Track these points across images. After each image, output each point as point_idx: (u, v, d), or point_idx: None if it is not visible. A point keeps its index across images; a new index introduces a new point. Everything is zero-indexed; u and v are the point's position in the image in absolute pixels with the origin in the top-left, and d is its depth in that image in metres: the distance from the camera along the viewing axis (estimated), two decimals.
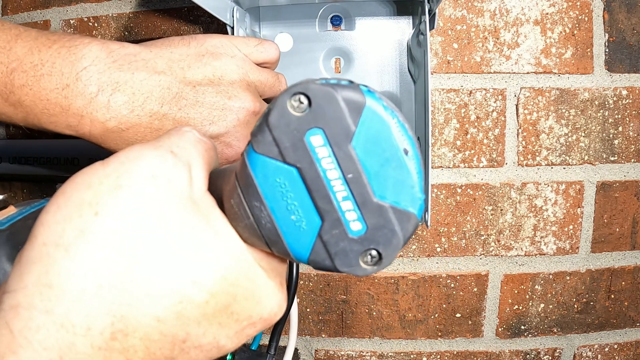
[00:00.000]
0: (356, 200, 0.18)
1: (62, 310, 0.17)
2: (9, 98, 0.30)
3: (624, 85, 0.54)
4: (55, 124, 0.31)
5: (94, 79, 0.30)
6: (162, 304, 0.18)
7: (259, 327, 0.22)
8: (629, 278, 0.57)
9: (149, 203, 0.19)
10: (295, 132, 0.18)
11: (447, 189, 0.56)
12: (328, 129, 0.18)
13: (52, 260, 0.18)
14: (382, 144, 0.18)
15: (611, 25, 0.53)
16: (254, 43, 0.37)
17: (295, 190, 0.19)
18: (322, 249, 0.19)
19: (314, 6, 0.51)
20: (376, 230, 0.19)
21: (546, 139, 0.55)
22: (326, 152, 0.18)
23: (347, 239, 0.19)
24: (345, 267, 0.19)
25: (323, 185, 0.18)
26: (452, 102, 0.55)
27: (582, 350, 0.59)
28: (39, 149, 0.58)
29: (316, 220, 0.19)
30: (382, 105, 0.18)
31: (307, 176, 0.18)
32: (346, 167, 0.18)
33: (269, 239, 0.20)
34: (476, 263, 0.58)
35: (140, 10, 0.58)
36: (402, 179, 0.18)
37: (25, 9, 0.62)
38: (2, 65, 0.30)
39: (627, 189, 0.55)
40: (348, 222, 0.19)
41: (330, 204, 0.19)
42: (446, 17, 0.54)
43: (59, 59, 0.30)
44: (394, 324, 0.60)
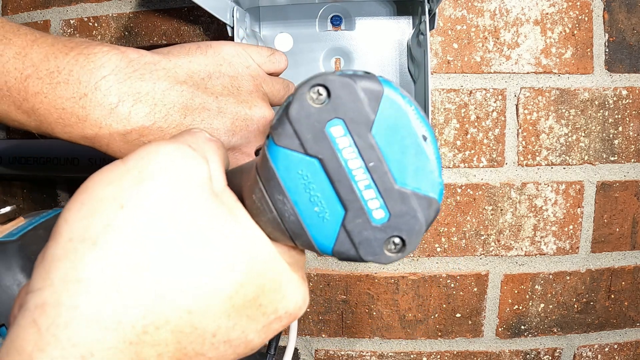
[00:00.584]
0: (378, 188, 0.19)
1: (91, 305, 0.17)
2: (22, 105, 0.29)
3: (624, 85, 0.54)
4: (70, 134, 0.30)
5: (114, 89, 0.29)
6: (193, 295, 0.18)
7: (285, 322, 0.22)
8: (629, 278, 0.57)
9: (174, 194, 0.19)
10: (315, 124, 0.18)
11: (447, 189, 0.56)
12: (348, 119, 0.18)
13: (80, 255, 0.18)
14: (402, 131, 0.18)
15: (611, 25, 0.53)
16: (266, 53, 0.37)
17: (317, 182, 0.19)
18: (346, 239, 0.19)
19: (314, 6, 0.51)
20: (399, 217, 0.19)
21: (546, 139, 0.55)
22: (347, 142, 0.18)
23: (371, 227, 0.19)
24: (370, 256, 0.19)
25: (345, 175, 0.19)
26: (452, 102, 0.55)
27: (582, 350, 0.59)
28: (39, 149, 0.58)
29: (339, 211, 0.19)
30: (400, 94, 0.18)
31: (329, 167, 0.19)
32: (367, 156, 0.18)
33: (292, 232, 0.20)
34: (476, 263, 0.58)
35: (140, 10, 0.58)
36: (422, 164, 0.18)
37: (25, 9, 0.62)
38: (17, 71, 0.29)
39: (627, 189, 0.55)
40: (371, 211, 0.19)
41: (353, 193, 0.19)
42: (446, 17, 0.54)
43: (77, 67, 0.29)
44: (394, 324, 0.60)
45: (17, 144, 0.59)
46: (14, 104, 0.29)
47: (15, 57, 0.29)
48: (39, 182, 0.65)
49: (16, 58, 0.29)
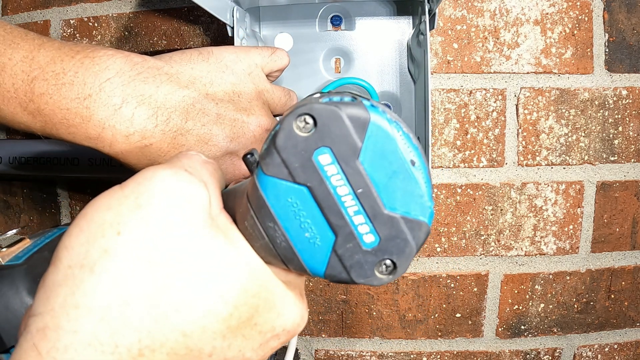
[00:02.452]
0: (367, 213, 0.19)
1: (89, 329, 0.18)
2: (28, 106, 0.30)
3: (624, 85, 0.54)
4: (74, 135, 0.31)
5: (118, 91, 0.30)
6: (188, 318, 0.19)
7: (283, 339, 0.22)
8: (629, 278, 0.57)
9: (170, 219, 0.19)
10: (303, 153, 0.19)
11: (447, 189, 0.56)
12: (335, 147, 0.18)
13: (78, 281, 0.18)
14: (389, 157, 0.18)
15: (611, 25, 0.53)
16: (267, 53, 0.38)
17: (307, 209, 0.19)
18: (337, 263, 0.20)
19: (314, 6, 0.51)
20: (389, 240, 0.19)
21: (546, 139, 0.55)
22: (335, 170, 0.19)
23: (362, 251, 0.19)
24: (362, 279, 0.20)
25: (334, 202, 0.19)
26: (452, 102, 0.55)
27: (582, 350, 0.59)
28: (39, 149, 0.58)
29: (330, 236, 0.19)
30: (387, 119, 0.18)
31: (318, 194, 0.19)
32: (355, 183, 0.19)
33: (285, 257, 0.20)
34: (476, 263, 0.58)
35: (140, 10, 0.58)
36: (410, 189, 0.19)
37: (25, 9, 0.62)
38: (24, 73, 0.29)
39: (627, 189, 0.55)
40: (361, 235, 0.19)
41: (343, 219, 0.19)
42: (446, 17, 0.54)
43: (82, 69, 0.30)
44: (394, 324, 0.60)
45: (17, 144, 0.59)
46: (20, 105, 0.30)
47: (22, 60, 0.30)
48: (39, 182, 0.65)
49: (23, 61, 0.30)
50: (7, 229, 0.68)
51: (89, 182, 0.63)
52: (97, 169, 0.56)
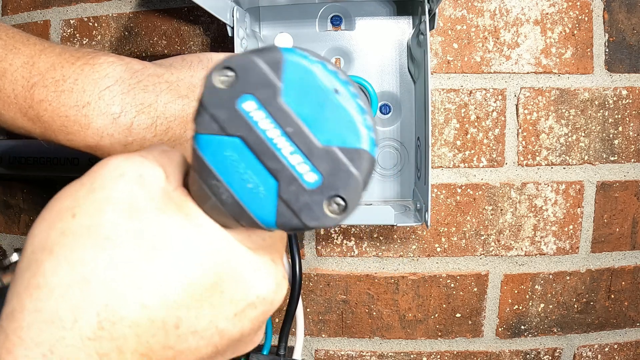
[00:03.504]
0: (303, 151, 0.19)
1: (50, 307, 0.18)
2: (28, 112, 0.30)
3: (624, 85, 0.54)
4: (73, 142, 0.31)
5: (117, 99, 0.30)
6: (145, 290, 0.19)
7: (262, 309, 0.22)
8: (629, 278, 0.57)
9: (122, 199, 0.20)
10: (228, 104, 0.19)
11: (447, 189, 0.56)
12: (257, 92, 0.18)
13: (40, 263, 0.19)
14: (311, 90, 0.18)
15: (611, 25, 0.53)
16: None
17: (244, 159, 0.19)
18: (286, 209, 0.19)
19: (314, 6, 0.51)
20: (331, 175, 0.19)
21: (546, 139, 0.55)
22: (262, 115, 0.19)
23: (306, 192, 0.19)
24: (314, 221, 0.19)
25: (267, 147, 0.19)
26: (452, 102, 0.55)
27: (582, 350, 0.59)
28: (39, 149, 0.58)
29: (272, 182, 0.19)
30: (302, 56, 0.18)
31: (251, 142, 0.19)
32: (284, 122, 0.19)
33: (234, 213, 0.20)
34: (476, 263, 0.58)
35: (140, 10, 0.58)
36: (340, 118, 0.18)
37: (25, 9, 0.62)
38: (24, 79, 0.29)
39: (627, 189, 0.55)
40: (302, 175, 0.19)
41: (279, 162, 0.19)
42: (446, 17, 0.54)
43: (82, 76, 0.30)
44: (394, 324, 0.60)
45: (17, 144, 0.59)
46: (20, 111, 0.30)
47: (23, 66, 0.29)
48: (39, 182, 0.65)
49: (24, 67, 0.29)
50: (7, 229, 0.68)
51: None
52: None
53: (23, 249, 0.20)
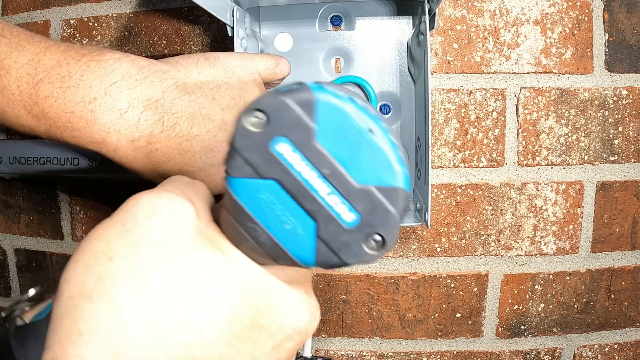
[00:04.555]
0: (340, 192, 0.19)
1: (92, 353, 0.18)
2: (33, 109, 0.30)
3: (624, 85, 0.54)
4: (78, 139, 0.30)
5: (124, 95, 0.30)
6: (187, 330, 0.19)
7: (297, 340, 0.22)
8: (629, 278, 0.57)
9: (156, 238, 0.20)
10: (261, 147, 0.19)
11: (447, 189, 0.56)
12: (291, 135, 0.18)
13: (79, 310, 0.19)
14: (345, 130, 0.18)
15: (611, 25, 0.53)
16: (272, 65, 0.38)
17: (281, 201, 0.19)
18: (325, 249, 0.20)
19: (314, 6, 0.51)
20: (370, 214, 0.19)
21: (546, 139, 0.55)
22: (297, 157, 0.19)
23: (345, 231, 0.19)
24: (353, 259, 0.20)
25: (304, 188, 0.19)
26: (452, 102, 0.55)
27: (582, 350, 0.59)
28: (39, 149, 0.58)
29: (310, 223, 0.19)
30: (334, 95, 0.18)
31: (287, 184, 0.19)
32: (320, 164, 0.19)
33: (273, 253, 0.20)
34: (476, 263, 0.58)
35: (140, 10, 0.58)
36: (376, 158, 0.18)
37: (25, 9, 0.62)
38: (29, 76, 0.29)
39: (627, 189, 0.55)
40: (340, 215, 0.19)
41: (317, 203, 0.19)
42: (446, 17, 0.54)
43: (88, 72, 0.30)
44: (394, 324, 0.60)
45: (17, 144, 0.59)
46: (24, 108, 0.30)
47: (28, 64, 0.29)
48: (39, 182, 0.65)
49: (29, 64, 0.29)
50: (7, 229, 0.68)
51: (89, 182, 0.63)
52: (97, 169, 0.56)
53: (58, 293, 0.20)
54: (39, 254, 0.68)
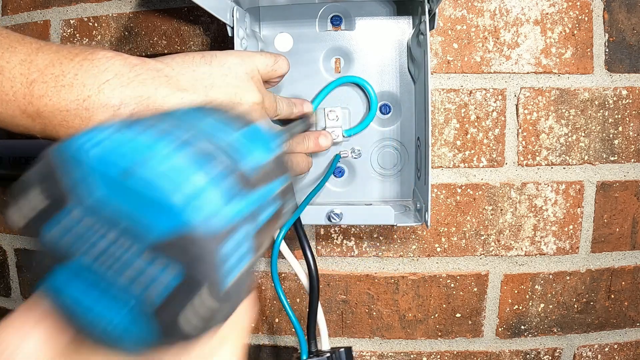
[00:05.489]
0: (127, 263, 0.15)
1: None
2: (27, 109, 0.30)
3: (624, 85, 0.54)
4: None
5: (117, 92, 0.30)
6: None
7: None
8: (629, 278, 0.57)
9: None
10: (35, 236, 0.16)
11: (447, 189, 0.56)
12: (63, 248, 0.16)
13: None
14: (101, 181, 0.15)
15: (611, 25, 0.53)
16: (271, 62, 0.38)
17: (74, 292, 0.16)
18: (154, 325, 0.16)
19: (314, 6, 0.51)
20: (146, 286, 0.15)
21: (546, 139, 0.55)
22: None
23: (171, 294, 0.15)
24: (187, 325, 0.16)
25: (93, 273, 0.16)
26: (452, 102, 0.55)
27: (582, 350, 0.59)
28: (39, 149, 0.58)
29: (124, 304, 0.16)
30: (71, 152, 0.15)
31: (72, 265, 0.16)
32: (105, 231, 0.16)
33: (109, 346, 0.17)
34: (476, 263, 0.58)
35: (140, 10, 0.58)
36: (147, 203, 0.15)
37: (25, 9, 0.62)
38: (23, 76, 0.30)
39: (627, 189, 0.55)
40: (149, 286, 0.15)
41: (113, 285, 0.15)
42: (446, 17, 0.54)
43: (81, 71, 0.30)
44: (394, 324, 0.60)
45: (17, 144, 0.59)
46: (19, 108, 0.30)
47: (21, 64, 0.30)
48: None
49: (22, 64, 0.30)
50: (7, 229, 0.68)
51: None
52: None
53: None
54: None
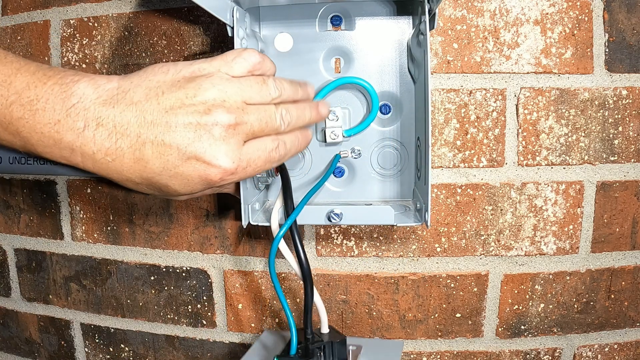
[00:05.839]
0: None
1: None
2: (9, 128, 0.34)
3: (624, 85, 0.54)
4: (51, 154, 0.35)
5: (80, 115, 0.33)
6: None
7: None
8: (629, 278, 0.57)
9: None
10: None
11: (447, 189, 0.56)
12: None
13: None
14: None
15: (611, 25, 0.53)
16: (231, 57, 0.37)
17: None
18: None
19: (314, 6, 0.51)
20: None
21: (546, 139, 0.55)
22: None
23: None
24: None
25: None
26: (452, 102, 0.55)
27: (582, 350, 0.59)
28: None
29: None
30: None
31: None
32: None
33: None
34: (476, 263, 0.58)
35: (140, 10, 0.58)
36: None
37: (25, 9, 0.62)
38: (3, 98, 0.33)
39: (627, 189, 0.55)
40: None
41: None
42: (446, 17, 0.54)
43: (52, 96, 0.33)
44: (394, 324, 0.60)
45: None
46: (1, 125, 0.34)
47: (1, 85, 0.33)
48: (39, 182, 0.65)
49: (2, 85, 0.33)
50: (7, 229, 0.68)
51: (89, 182, 0.63)
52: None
53: None
54: (39, 254, 0.68)
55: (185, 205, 0.61)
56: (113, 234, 0.64)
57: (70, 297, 0.68)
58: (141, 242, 0.63)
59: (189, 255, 0.62)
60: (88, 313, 0.67)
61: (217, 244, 0.61)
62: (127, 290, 0.65)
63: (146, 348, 0.67)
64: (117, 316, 0.66)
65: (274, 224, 0.44)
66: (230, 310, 0.63)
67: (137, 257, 0.64)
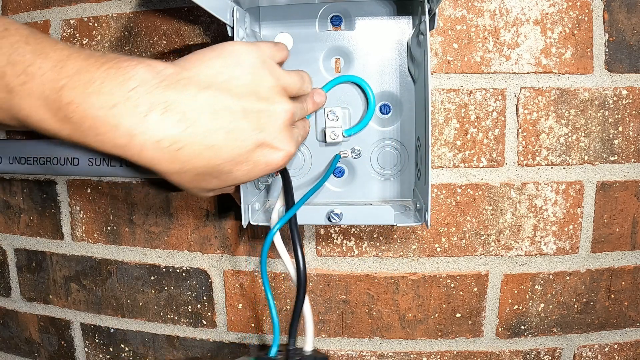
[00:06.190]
0: None
1: None
2: (57, 114, 0.31)
3: (624, 85, 0.54)
4: (102, 143, 0.32)
5: (143, 99, 0.31)
6: None
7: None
8: (629, 278, 0.57)
9: None
10: None
11: (447, 189, 0.56)
12: None
13: None
14: None
15: (611, 25, 0.53)
16: (274, 46, 0.40)
17: None
18: None
19: (314, 6, 0.51)
20: None
21: (546, 139, 0.55)
22: None
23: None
24: None
25: None
26: (452, 102, 0.55)
27: (582, 350, 0.59)
28: (39, 149, 0.58)
29: None
30: None
31: None
32: None
33: None
34: (476, 263, 0.58)
35: (140, 10, 0.58)
36: None
37: (25, 9, 0.62)
38: (53, 82, 0.30)
39: (627, 189, 0.55)
40: None
41: None
42: (446, 17, 0.54)
43: (108, 79, 0.31)
44: (394, 324, 0.60)
45: (17, 144, 0.59)
46: (49, 111, 0.31)
47: (52, 70, 0.31)
48: (39, 182, 0.65)
49: (53, 70, 0.31)
50: (7, 229, 0.68)
51: (89, 182, 0.63)
52: (97, 169, 0.56)
53: None
54: (39, 254, 0.68)
55: (185, 205, 0.61)
56: (113, 234, 0.64)
57: (70, 297, 0.68)
58: (141, 242, 0.63)
59: (189, 255, 0.62)
60: (88, 313, 0.67)
61: (217, 244, 0.61)
62: (127, 290, 0.65)
63: (146, 348, 0.67)
64: (117, 316, 0.66)
65: (274, 224, 0.44)
66: (231, 310, 0.63)
67: (137, 257, 0.64)
